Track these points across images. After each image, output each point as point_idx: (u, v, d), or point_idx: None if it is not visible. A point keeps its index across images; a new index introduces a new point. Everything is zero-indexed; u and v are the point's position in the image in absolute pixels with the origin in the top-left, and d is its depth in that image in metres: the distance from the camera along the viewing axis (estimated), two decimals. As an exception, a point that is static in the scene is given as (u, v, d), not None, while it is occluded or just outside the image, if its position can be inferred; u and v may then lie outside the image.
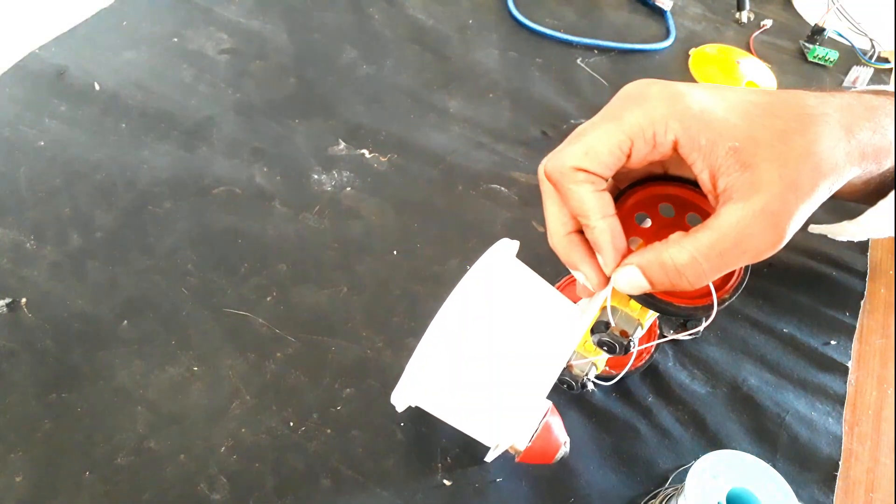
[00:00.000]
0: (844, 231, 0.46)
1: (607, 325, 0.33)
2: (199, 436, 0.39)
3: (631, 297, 0.32)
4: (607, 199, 0.31)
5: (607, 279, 0.32)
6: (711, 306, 0.31)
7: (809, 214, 0.30)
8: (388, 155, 0.55)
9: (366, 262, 0.48)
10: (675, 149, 0.30)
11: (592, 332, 0.33)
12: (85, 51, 0.59)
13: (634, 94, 0.31)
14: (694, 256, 0.28)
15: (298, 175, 0.53)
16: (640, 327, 0.33)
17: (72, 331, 0.42)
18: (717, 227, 0.28)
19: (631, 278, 0.30)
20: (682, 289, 0.30)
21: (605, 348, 0.33)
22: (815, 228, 0.50)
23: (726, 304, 0.32)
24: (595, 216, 0.30)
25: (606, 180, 0.32)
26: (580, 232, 0.33)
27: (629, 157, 0.30)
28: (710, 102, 0.30)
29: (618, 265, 0.31)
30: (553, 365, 0.32)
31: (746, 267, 0.33)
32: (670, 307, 0.32)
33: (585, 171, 0.30)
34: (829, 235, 0.49)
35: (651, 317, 0.34)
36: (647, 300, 0.32)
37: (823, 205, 0.31)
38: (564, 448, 0.37)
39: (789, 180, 0.28)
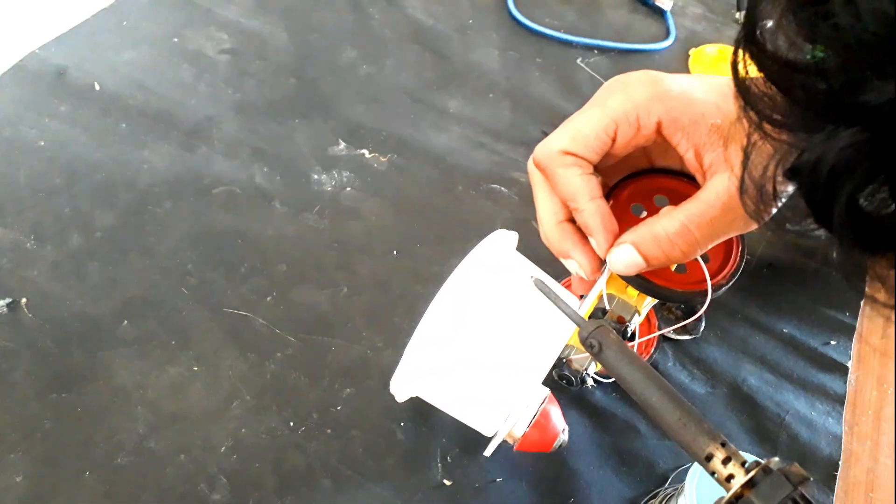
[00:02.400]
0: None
1: (604, 311, 0.33)
2: (199, 436, 0.39)
3: (629, 283, 0.32)
4: (595, 182, 0.31)
5: (601, 264, 0.32)
6: (709, 291, 0.32)
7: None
8: (388, 155, 0.55)
9: (366, 263, 0.48)
10: (658, 130, 0.31)
11: (590, 318, 0.33)
12: (85, 51, 0.59)
13: (617, 82, 0.32)
14: (685, 224, 0.29)
15: (298, 175, 0.53)
16: (637, 314, 0.33)
17: (72, 331, 0.42)
18: (706, 198, 0.29)
19: (626, 256, 0.30)
20: (676, 261, 0.30)
21: None
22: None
23: (724, 289, 0.32)
24: (583, 198, 0.31)
25: (594, 167, 0.32)
26: (572, 221, 0.33)
27: (614, 141, 0.31)
28: (689, 85, 0.31)
29: (611, 246, 0.31)
30: (550, 350, 0.32)
31: (742, 254, 0.33)
32: (667, 292, 0.32)
33: (572, 154, 0.31)
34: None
35: (648, 304, 0.34)
36: (645, 286, 0.32)
37: None
38: (563, 436, 0.36)
39: None
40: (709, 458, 0.23)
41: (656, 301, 0.34)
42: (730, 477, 0.23)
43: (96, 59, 0.58)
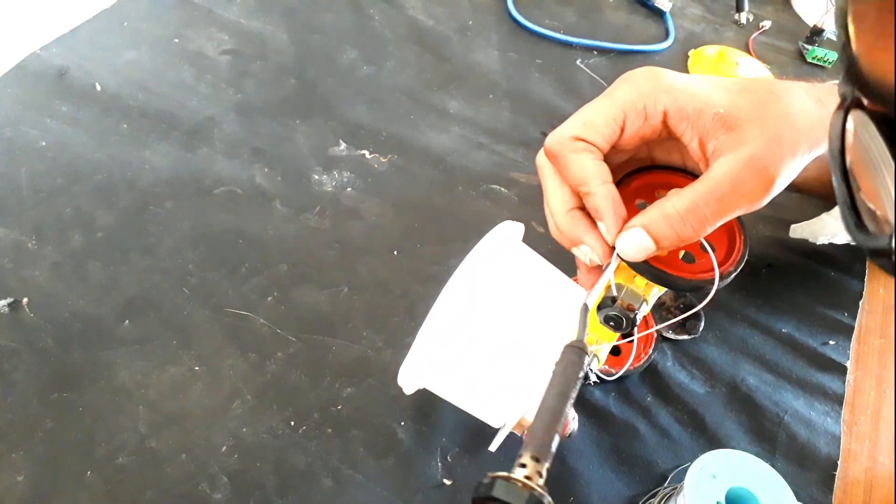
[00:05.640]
0: (825, 227, 0.47)
1: (614, 300, 0.33)
2: (200, 435, 0.39)
3: (639, 272, 0.33)
4: (606, 168, 0.33)
5: (612, 250, 0.32)
6: (720, 279, 0.32)
7: (796, 170, 0.32)
8: (389, 155, 0.55)
9: (366, 262, 0.48)
10: (664, 121, 0.32)
11: (599, 308, 0.34)
12: (86, 51, 0.59)
13: (623, 78, 0.34)
14: (694, 202, 0.30)
15: (299, 175, 0.53)
16: (645, 303, 0.34)
17: (73, 331, 0.42)
18: (712, 177, 0.31)
19: (636, 240, 0.31)
20: (687, 239, 0.31)
21: (611, 323, 0.34)
22: (795, 230, 0.50)
23: (732, 276, 0.33)
24: (595, 182, 0.32)
25: (603, 154, 0.33)
26: (581, 209, 0.34)
27: (623, 130, 0.32)
28: (692, 79, 0.33)
29: (619, 231, 0.32)
30: (559, 339, 0.32)
31: (746, 241, 0.34)
32: (677, 280, 0.32)
33: (584, 140, 0.32)
34: (809, 239, 0.49)
35: (656, 294, 0.34)
36: (656, 274, 0.32)
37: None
38: (573, 424, 0.36)
39: (772, 135, 0.31)
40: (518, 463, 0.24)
41: (664, 290, 0.35)
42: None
43: (97, 59, 0.58)
